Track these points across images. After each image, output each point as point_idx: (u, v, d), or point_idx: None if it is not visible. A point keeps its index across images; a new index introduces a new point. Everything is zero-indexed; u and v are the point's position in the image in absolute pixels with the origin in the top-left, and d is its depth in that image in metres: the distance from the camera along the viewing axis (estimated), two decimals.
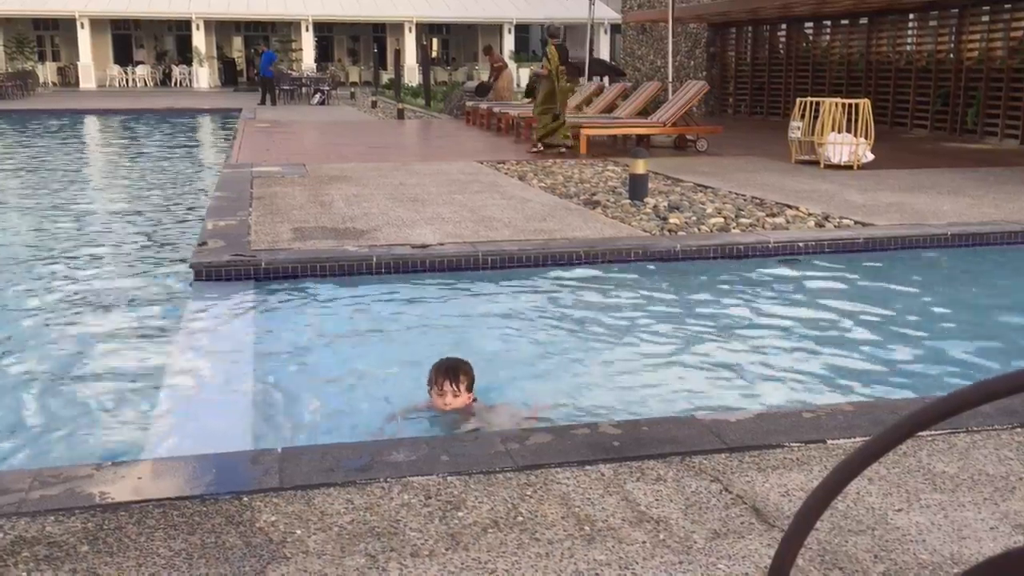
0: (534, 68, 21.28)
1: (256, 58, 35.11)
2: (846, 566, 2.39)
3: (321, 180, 10.35)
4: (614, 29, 37.97)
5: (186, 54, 41.55)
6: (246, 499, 2.71)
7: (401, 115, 22.02)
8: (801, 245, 7.07)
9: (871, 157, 11.96)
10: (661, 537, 2.53)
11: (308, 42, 40.53)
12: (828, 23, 20.14)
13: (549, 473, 2.90)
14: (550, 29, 14.30)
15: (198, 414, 4.13)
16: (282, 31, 40.63)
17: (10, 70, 35.57)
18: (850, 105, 11.96)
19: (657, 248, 6.83)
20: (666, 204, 8.52)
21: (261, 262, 6.20)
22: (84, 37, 38.36)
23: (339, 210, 8.25)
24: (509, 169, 11.60)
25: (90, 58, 38.80)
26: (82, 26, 38.06)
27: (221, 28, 42.71)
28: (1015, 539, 2.54)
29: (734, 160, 12.79)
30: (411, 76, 38.11)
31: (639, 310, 5.77)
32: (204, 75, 40.02)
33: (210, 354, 4.85)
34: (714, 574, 2.35)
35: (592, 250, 6.70)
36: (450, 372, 3.94)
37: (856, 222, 7.77)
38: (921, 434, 3.14)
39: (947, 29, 17.07)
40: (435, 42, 45.85)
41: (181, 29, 42.01)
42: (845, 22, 19.69)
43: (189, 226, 8.87)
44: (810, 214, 8.09)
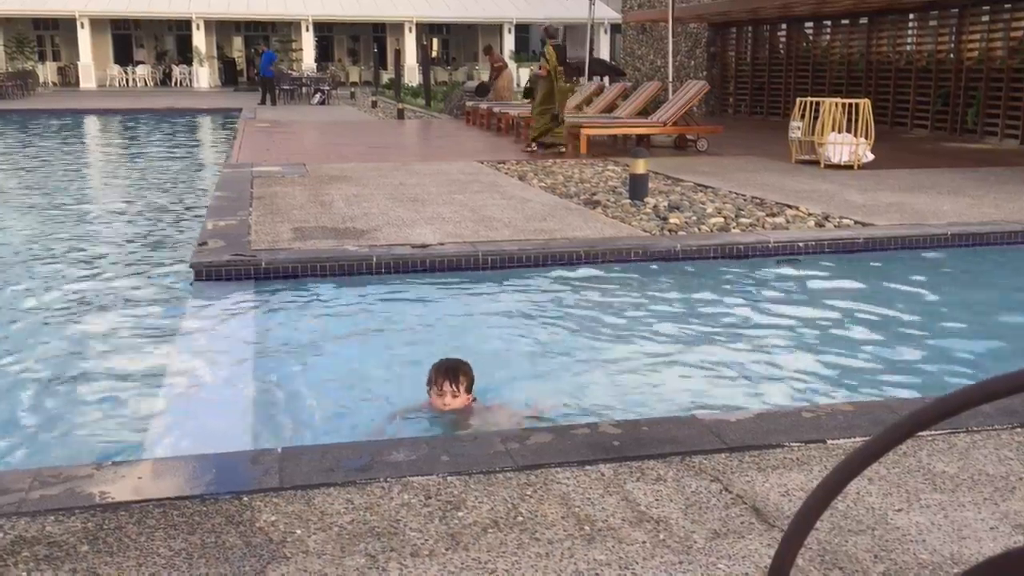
0: (533, 69, 21.27)
1: (256, 58, 35.10)
2: (846, 566, 2.39)
3: (321, 180, 10.35)
4: (614, 29, 37.97)
5: (186, 54, 41.56)
6: (246, 499, 2.71)
7: (401, 115, 22.02)
8: (801, 245, 7.07)
9: (871, 157, 11.96)
10: (661, 537, 2.53)
11: (308, 42, 40.54)
12: (828, 23, 20.15)
13: (549, 473, 2.90)
14: (548, 30, 14.31)
15: (198, 414, 4.13)
16: (282, 31, 40.64)
17: (10, 70, 35.57)
18: (850, 105, 11.96)
19: (657, 248, 6.83)
20: (666, 204, 8.52)
21: (261, 262, 6.20)
22: (84, 37, 38.37)
23: (339, 210, 8.25)
24: (509, 169, 11.60)
25: (90, 58, 38.82)
26: (82, 26, 38.07)
27: (221, 28, 42.72)
28: (1015, 539, 2.54)
29: (734, 160, 12.79)
30: (411, 76, 38.12)
31: (639, 310, 5.77)
32: (204, 75, 40.02)
33: (210, 354, 4.85)
34: (714, 574, 2.35)
35: (592, 250, 6.70)
36: (450, 372, 3.93)
37: (856, 222, 7.77)
38: (921, 434, 3.14)
39: (947, 29, 17.07)
40: (435, 42, 45.85)
41: (181, 29, 42.02)
42: (845, 22, 19.69)
43: (189, 226, 8.87)
44: (810, 214, 8.10)
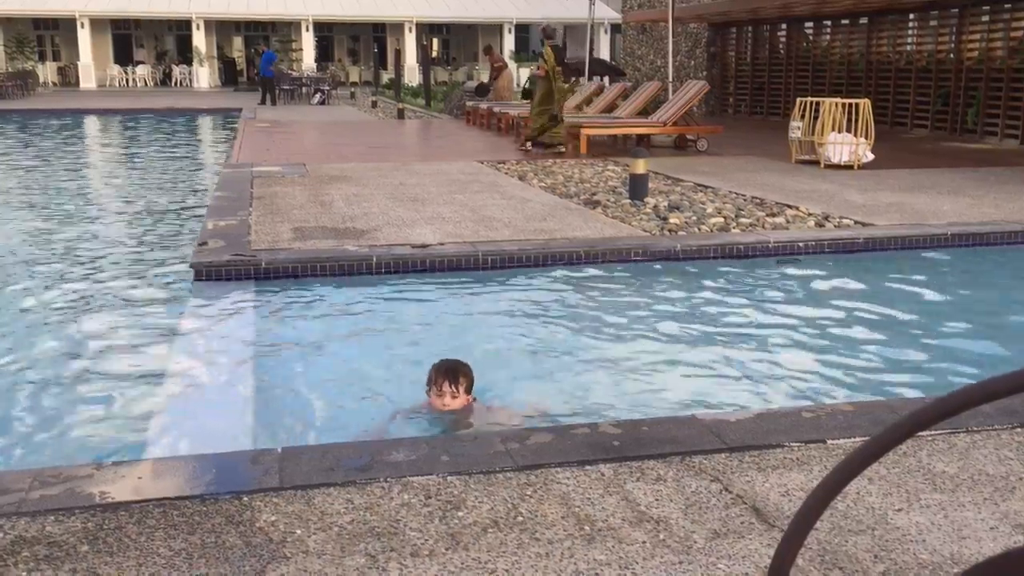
0: (532, 69, 21.30)
1: (256, 58, 35.11)
2: (846, 566, 2.39)
3: (321, 180, 10.35)
4: (614, 29, 37.97)
5: (186, 54, 41.56)
6: (246, 499, 2.71)
7: (401, 115, 22.03)
8: (801, 245, 7.07)
9: (871, 157, 11.96)
10: (661, 537, 2.53)
11: (308, 42, 40.54)
12: (828, 23, 20.15)
13: (549, 473, 2.90)
14: (546, 30, 14.32)
15: (198, 414, 4.13)
16: (282, 31, 40.64)
17: (10, 70, 35.57)
18: (850, 105, 11.96)
19: (657, 248, 6.83)
20: (666, 204, 8.52)
21: (261, 262, 6.20)
22: (84, 37, 38.36)
23: (339, 210, 8.25)
24: (509, 169, 11.60)
25: (90, 58, 38.81)
26: (82, 26, 38.07)
27: (221, 28, 42.71)
28: (1015, 539, 2.54)
29: (734, 160, 12.79)
30: (411, 76, 38.12)
31: (639, 310, 5.77)
32: (204, 75, 40.02)
33: (210, 354, 4.86)
34: (714, 574, 2.35)
35: (592, 250, 6.70)
36: (449, 373, 3.93)
37: (856, 222, 7.77)
38: (921, 434, 3.14)
39: (947, 29, 17.07)
40: (435, 42, 45.85)
41: (181, 29, 42.01)
42: (845, 22, 19.69)
43: (189, 226, 8.87)
44: (810, 214, 8.09)
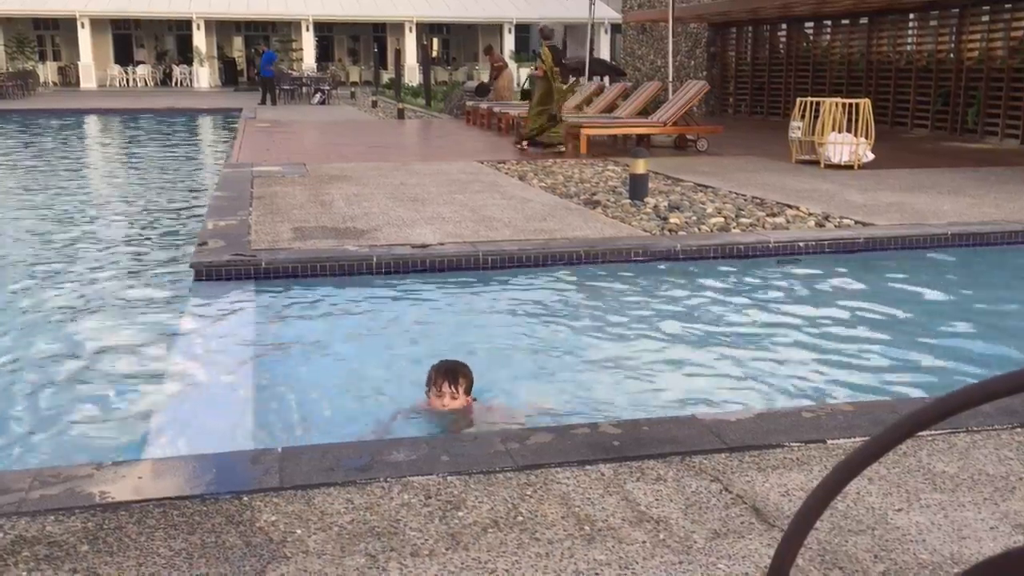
0: (530, 70, 21.32)
1: (256, 58, 35.11)
2: (846, 566, 2.39)
3: (321, 180, 10.35)
4: (614, 29, 37.96)
5: (186, 54, 41.56)
6: (246, 499, 2.71)
7: (401, 115, 22.02)
8: (801, 245, 7.07)
9: (871, 157, 11.96)
10: (661, 537, 2.53)
11: (308, 42, 40.54)
12: (828, 23, 20.14)
13: (549, 473, 2.90)
14: (544, 31, 14.32)
15: (198, 414, 4.13)
16: (282, 31, 40.64)
17: (11, 70, 35.58)
18: (850, 105, 11.96)
19: (657, 248, 6.82)
20: (666, 204, 8.52)
21: (261, 262, 6.20)
22: (84, 37, 38.37)
23: (339, 210, 8.25)
24: (509, 169, 11.60)
25: (91, 58, 38.82)
26: (82, 26, 38.07)
27: (221, 28, 42.71)
28: (1015, 539, 2.54)
29: (734, 160, 12.79)
30: (411, 76, 38.12)
31: (639, 310, 5.77)
32: (204, 75, 40.03)
33: (210, 354, 4.85)
34: (714, 574, 2.35)
35: (592, 250, 6.70)
36: (449, 374, 3.93)
37: (856, 222, 7.77)
38: (921, 434, 3.14)
39: (947, 29, 17.07)
40: (435, 42, 45.85)
41: (181, 29, 42.02)
42: (845, 22, 19.69)
43: (189, 226, 8.87)
44: (810, 214, 8.09)
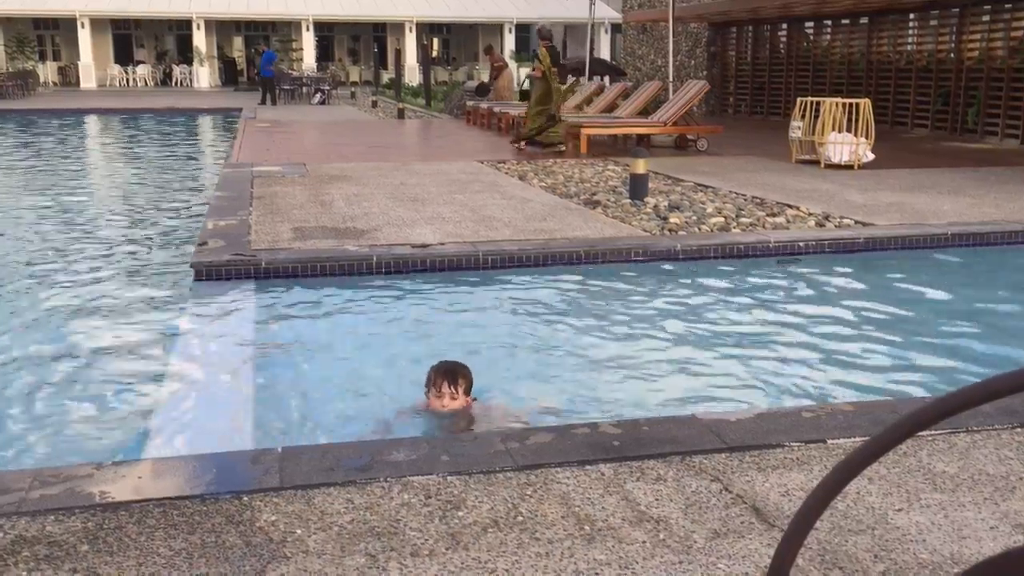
0: (527, 70, 21.29)
1: (256, 58, 35.11)
2: (846, 566, 2.39)
3: (321, 180, 10.35)
4: (614, 29, 37.96)
5: (187, 54, 41.56)
6: (246, 499, 2.71)
7: (401, 115, 22.03)
8: (801, 245, 7.07)
9: (871, 157, 11.96)
10: (661, 537, 2.53)
11: (308, 42, 40.54)
12: (829, 23, 20.14)
13: (549, 473, 2.90)
14: (542, 31, 14.32)
15: (198, 414, 4.13)
16: (282, 31, 40.64)
17: (11, 70, 35.58)
18: (850, 105, 11.96)
19: (657, 248, 6.82)
20: (666, 204, 8.52)
21: (261, 262, 6.20)
22: (84, 37, 38.37)
23: (339, 210, 8.25)
24: (509, 169, 11.60)
25: (91, 58, 38.82)
26: (82, 26, 38.07)
27: (222, 28, 42.71)
28: (1015, 539, 2.54)
29: (734, 160, 12.79)
30: (411, 76, 38.12)
31: (639, 310, 5.77)
32: (204, 75, 40.02)
33: (210, 354, 4.85)
34: (714, 574, 2.35)
35: (592, 250, 6.70)
36: (449, 374, 3.93)
37: (856, 222, 7.77)
38: (921, 434, 3.14)
39: (947, 29, 17.07)
40: (435, 42, 45.85)
41: (182, 29, 42.01)
42: (846, 22, 19.69)
43: (189, 226, 8.87)
44: (810, 214, 8.09)
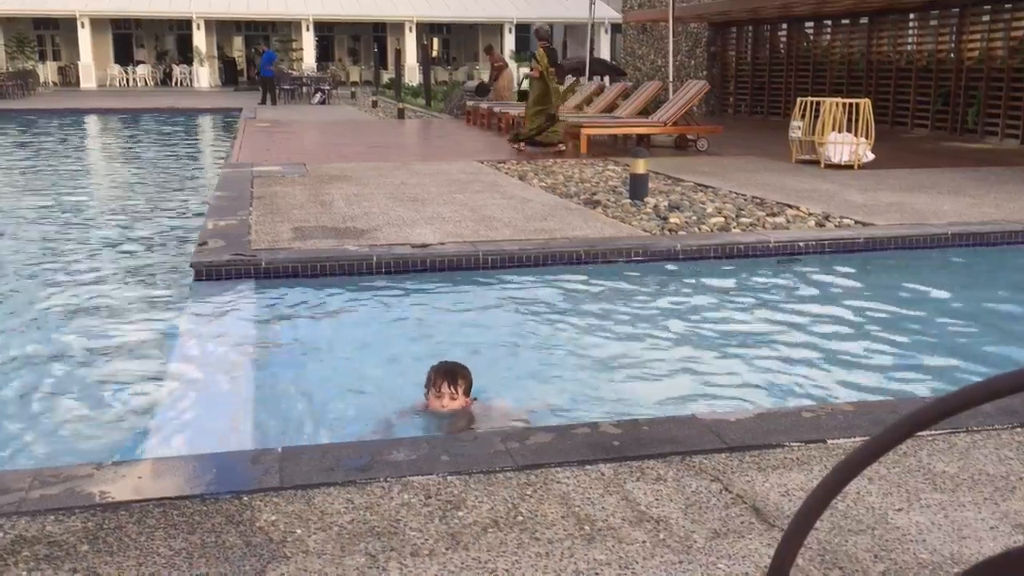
0: (524, 71, 21.33)
1: (256, 58, 35.12)
2: (846, 566, 2.39)
3: (321, 179, 10.34)
4: (614, 29, 37.96)
5: (187, 54, 41.56)
6: (246, 498, 2.71)
7: (401, 115, 22.02)
8: (801, 245, 7.06)
9: (871, 157, 11.96)
10: (661, 537, 2.53)
11: (309, 42, 40.54)
12: (829, 23, 20.14)
13: (549, 473, 2.90)
14: (539, 31, 14.32)
15: (198, 414, 4.13)
16: (282, 31, 40.64)
17: (11, 69, 35.58)
18: (851, 105, 11.96)
19: (657, 248, 6.82)
20: (666, 204, 8.52)
21: (261, 262, 6.20)
22: (85, 37, 38.37)
23: (339, 209, 8.25)
24: (509, 169, 11.60)
25: (91, 58, 38.82)
26: (83, 25, 38.07)
27: (222, 28, 42.72)
28: (1015, 539, 2.54)
29: (734, 160, 12.79)
30: (411, 76, 38.12)
31: (639, 310, 5.77)
32: (204, 75, 40.02)
33: (210, 354, 4.85)
34: (714, 574, 2.35)
35: (592, 250, 6.70)
36: (448, 375, 3.93)
37: (856, 222, 7.77)
38: (921, 434, 3.14)
39: (948, 29, 17.07)
40: (435, 42, 45.84)
41: (182, 29, 42.02)
42: (846, 22, 19.69)
43: (189, 225, 8.87)
44: (810, 214, 8.09)
